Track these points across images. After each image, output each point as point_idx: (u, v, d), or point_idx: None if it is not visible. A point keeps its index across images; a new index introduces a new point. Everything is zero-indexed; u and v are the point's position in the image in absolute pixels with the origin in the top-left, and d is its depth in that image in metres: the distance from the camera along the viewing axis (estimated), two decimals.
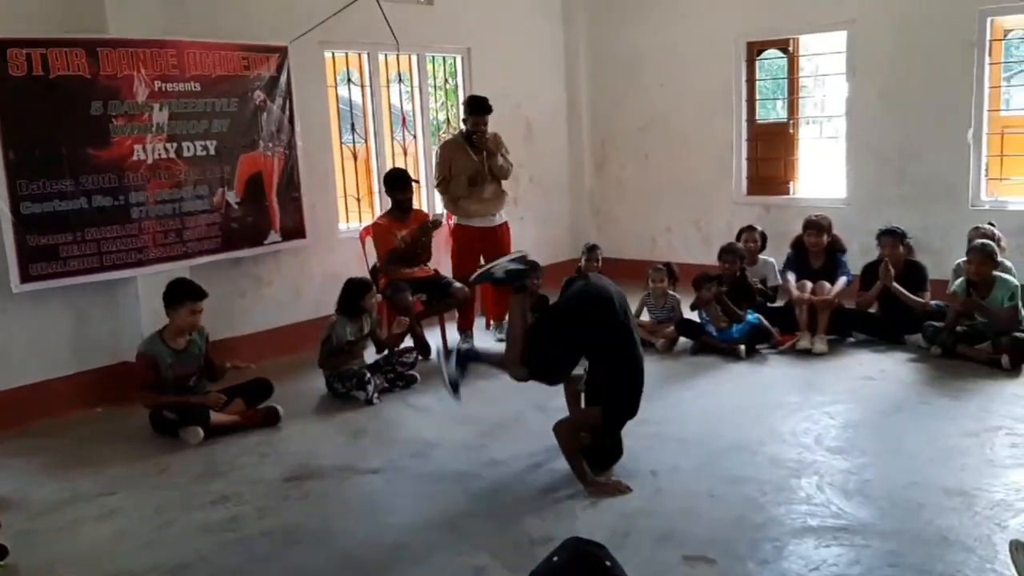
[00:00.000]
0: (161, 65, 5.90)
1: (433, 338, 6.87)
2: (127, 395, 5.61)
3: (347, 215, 7.69)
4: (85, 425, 5.62)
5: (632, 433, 4.99)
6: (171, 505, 4.35)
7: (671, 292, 7.03)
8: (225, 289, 6.51)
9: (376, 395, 5.84)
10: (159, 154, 5.97)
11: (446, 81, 8.67)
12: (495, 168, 7.10)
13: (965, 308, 6.10)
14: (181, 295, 5.30)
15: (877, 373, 5.97)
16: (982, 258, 6.05)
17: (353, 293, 6.02)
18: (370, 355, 6.22)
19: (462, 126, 7.20)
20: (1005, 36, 7.78)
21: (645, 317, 7.07)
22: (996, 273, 6.08)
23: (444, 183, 7.17)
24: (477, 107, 7.02)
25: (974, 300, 6.06)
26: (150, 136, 5.91)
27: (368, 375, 5.88)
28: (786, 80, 8.72)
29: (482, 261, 7.19)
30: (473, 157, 7.07)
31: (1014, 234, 6.98)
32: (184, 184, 6.13)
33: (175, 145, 6.05)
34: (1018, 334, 5.90)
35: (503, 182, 7.25)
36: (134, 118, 5.80)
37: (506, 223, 7.40)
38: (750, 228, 7.32)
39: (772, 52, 8.72)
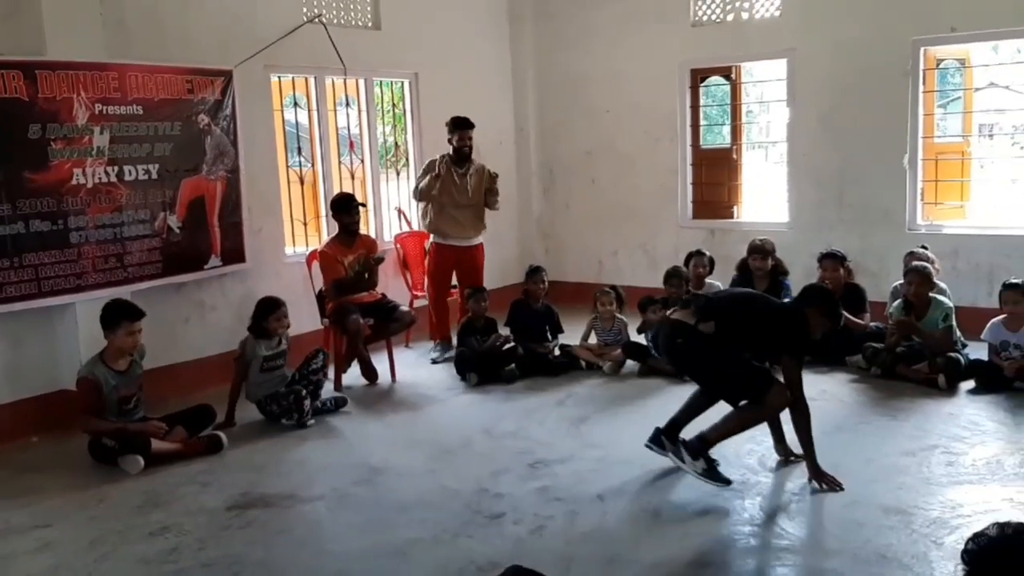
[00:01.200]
0: (102, 88, 5.81)
1: (380, 362, 6.83)
2: (65, 423, 5.48)
3: (294, 239, 7.64)
4: (20, 455, 5.46)
5: (579, 456, 5.02)
6: (108, 537, 4.24)
7: (618, 315, 7.09)
8: (168, 315, 6.41)
9: (310, 414, 5.79)
10: (99, 178, 5.87)
11: (394, 105, 8.68)
12: (491, 205, 7.43)
13: (902, 329, 6.24)
14: (118, 315, 5.21)
15: (818, 394, 6.04)
16: (921, 279, 6.20)
17: (259, 313, 5.94)
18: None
19: (447, 145, 7.37)
20: (938, 65, 8.02)
21: (592, 340, 7.11)
22: (932, 295, 6.24)
23: (424, 192, 7.27)
24: (459, 123, 7.29)
25: (910, 321, 6.20)
26: (90, 160, 5.81)
27: (304, 392, 5.82)
28: (729, 106, 8.89)
29: (454, 280, 7.47)
30: (456, 181, 7.23)
31: (948, 257, 7.18)
32: (125, 208, 6.03)
33: (116, 169, 5.95)
34: (953, 354, 6.05)
35: (482, 214, 7.48)
36: (73, 141, 5.71)
37: (481, 244, 7.56)
38: (699, 253, 7.42)
39: (716, 79, 8.89)
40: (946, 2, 7.26)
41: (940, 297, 6.28)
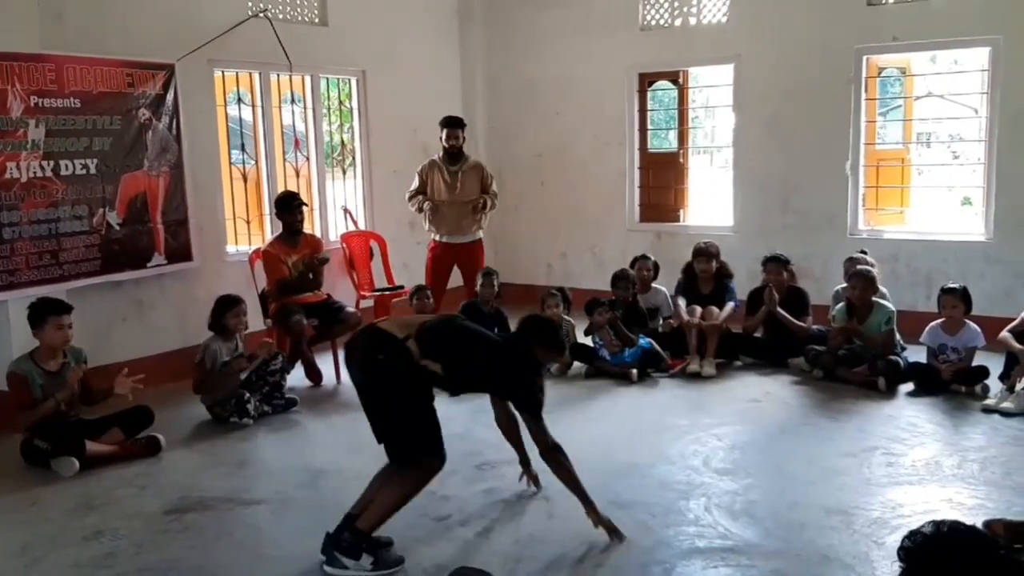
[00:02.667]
0: (38, 80, 5.65)
1: (325, 364, 6.74)
2: None
3: (236, 237, 7.49)
4: None
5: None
6: (41, 542, 4.10)
7: (566, 317, 7.08)
8: (105, 313, 6.25)
9: (255, 414, 5.72)
10: (34, 172, 5.69)
11: (341, 103, 8.58)
12: (490, 206, 7.48)
13: (844, 332, 6.34)
14: (43, 312, 5.05)
15: (763, 395, 6.13)
16: (864, 283, 6.31)
17: (217, 309, 5.85)
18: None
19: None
20: (879, 74, 8.19)
21: None
22: (875, 299, 6.35)
23: (414, 196, 7.39)
24: (447, 121, 7.37)
25: (853, 325, 6.30)
26: (24, 153, 5.63)
27: (247, 395, 5.73)
28: (677, 111, 8.96)
29: (458, 273, 7.56)
30: (446, 179, 7.29)
31: (888, 261, 7.32)
32: (61, 204, 5.86)
33: (52, 163, 5.78)
34: (893, 357, 6.16)
35: (479, 214, 7.51)
36: (7, 134, 5.53)
37: (480, 240, 7.61)
38: (644, 257, 7.45)
39: (663, 83, 8.95)
40: (888, 12, 7.42)
41: (883, 301, 6.40)
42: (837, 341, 6.40)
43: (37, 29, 5.71)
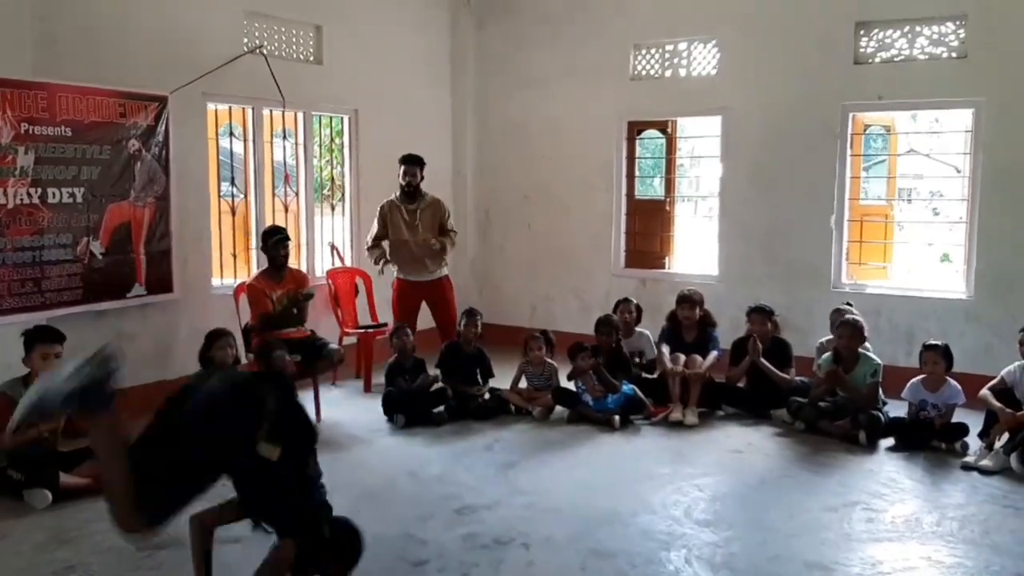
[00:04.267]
0: (29, 107, 5.64)
1: (306, 400, 6.67)
2: None
3: (222, 271, 7.46)
4: None
5: (505, 503, 4.96)
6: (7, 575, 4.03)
7: (549, 360, 7.08)
8: (86, 343, 6.09)
9: None
10: (21, 199, 5.67)
11: (332, 140, 8.61)
12: (449, 246, 7.51)
13: (830, 381, 6.35)
14: (32, 338, 5.05)
15: (744, 446, 6.13)
16: (852, 332, 6.34)
17: (205, 342, 5.85)
18: None
19: (399, 181, 7.44)
20: (865, 131, 8.32)
21: (523, 384, 7.08)
22: (861, 350, 6.38)
23: (376, 241, 7.43)
24: (404, 159, 7.41)
25: (839, 372, 6.31)
26: (12, 180, 5.61)
27: None
28: (664, 159, 9.06)
29: (425, 310, 7.55)
30: (405, 218, 7.32)
31: (870, 315, 7.35)
32: (47, 231, 5.84)
33: (39, 190, 5.76)
34: (875, 412, 6.18)
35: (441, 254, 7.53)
36: None
37: (447, 276, 7.62)
38: (626, 300, 7.47)
39: (652, 132, 9.06)
40: (874, 71, 7.55)
41: (869, 353, 6.43)
42: (821, 390, 6.41)
43: (30, 55, 5.71)
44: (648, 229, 8.95)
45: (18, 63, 5.62)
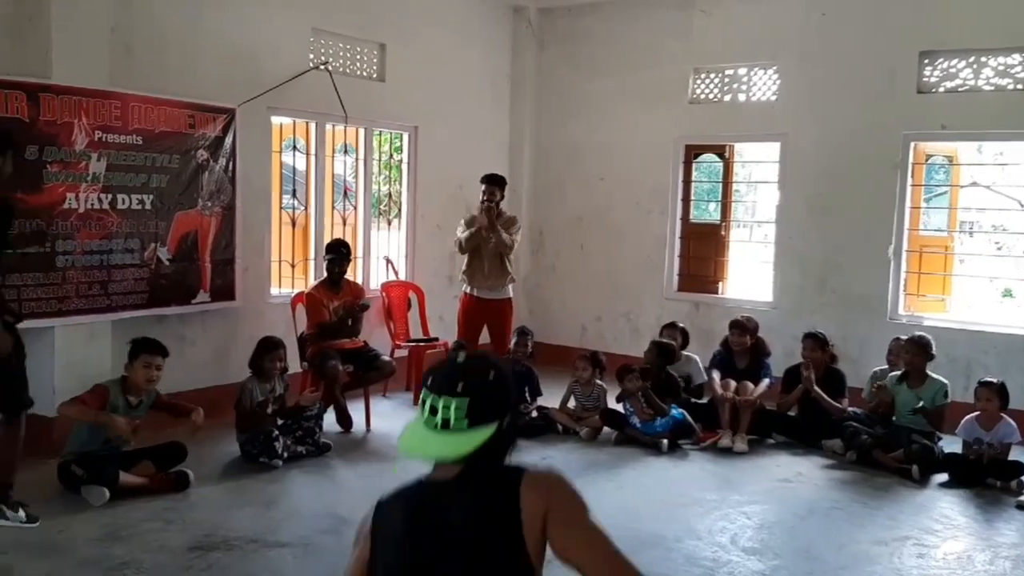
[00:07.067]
0: (103, 115, 5.84)
1: (357, 411, 6.78)
2: (34, 449, 5.37)
3: (280, 280, 7.62)
4: None
5: None
6: (65, 569, 4.15)
7: (598, 381, 7.08)
8: None
9: (284, 454, 5.79)
10: (92, 204, 5.86)
11: (391, 156, 8.75)
12: (497, 239, 7.17)
13: (887, 396, 6.35)
14: (139, 348, 5.25)
15: (794, 475, 6.05)
16: (917, 349, 6.27)
17: (256, 351, 6.00)
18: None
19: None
20: (926, 160, 8.21)
21: (571, 404, 7.09)
22: (929, 373, 6.30)
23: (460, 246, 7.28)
24: (488, 178, 7.25)
25: (883, 395, 6.27)
26: (84, 185, 5.81)
27: (276, 432, 5.81)
28: (721, 183, 9.02)
29: (486, 330, 7.44)
30: (483, 235, 7.15)
31: None
32: (115, 236, 6.01)
33: (110, 196, 5.95)
34: (927, 442, 6.07)
35: (508, 264, 7.36)
36: (70, 166, 5.71)
37: (510, 299, 7.49)
38: (672, 325, 7.46)
39: (709, 156, 9.04)
40: (938, 100, 7.46)
41: (937, 375, 6.33)
42: (881, 404, 6.38)
43: (107, 65, 5.91)
44: (702, 253, 8.92)
45: (96, 73, 5.83)
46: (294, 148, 7.77)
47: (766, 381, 6.96)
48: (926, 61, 7.50)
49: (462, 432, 1.94)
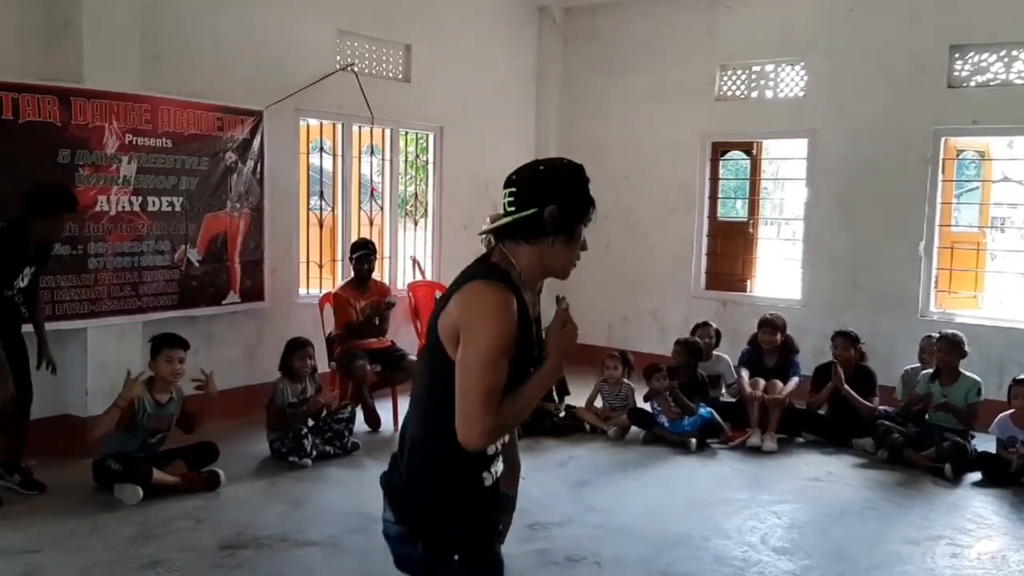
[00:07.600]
0: (134, 119, 5.91)
1: (384, 410, 6.80)
2: (68, 448, 5.46)
3: (307, 281, 7.67)
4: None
5: (578, 521, 4.96)
6: (98, 567, 4.20)
7: (625, 380, 7.06)
8: None
9: (313, 453, 5.83)
10: (123, 206, 5.93)
11: (417, 157, 8.78)
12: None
13: (924, 399, 6.27)
14: (159, 343, 5.31)
15: (824, 475, 6.00)
16: (950, 347, 6.20)
17: (285, 352, 6.05)
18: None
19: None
20: (957, 156, 8.11)
21: (599, 403, 7.08)
22: (961, 370, 6.23)
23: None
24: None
25: (945, 401, 6.18)
26: (116, 188, 5.88)
27: (305, 430, 5.86)
28: (748, 181, 8.97)
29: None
30: None
31: None
32: (146, 238, 6.08)
33: (140, 199, 6.02)
34: (960, 440, 5.99)
35: None
36: (101, 169, 5.78)
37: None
38: (705, 324, 7.42)
39: (736, 153, 8.98)
40: (969, 95, 7.37)
41: (969, 373, 6.26)
42: (919, 407, 6.31)
43: (138, 70, 5.98)
44: (730, 251, 8.87)
45: (127, 77, 5.90)
46: (321, 149, 7.82)
47: (795, 379, 6.91)
48: (957, 55, 7.41)
49: (507, 216, 2.25)
